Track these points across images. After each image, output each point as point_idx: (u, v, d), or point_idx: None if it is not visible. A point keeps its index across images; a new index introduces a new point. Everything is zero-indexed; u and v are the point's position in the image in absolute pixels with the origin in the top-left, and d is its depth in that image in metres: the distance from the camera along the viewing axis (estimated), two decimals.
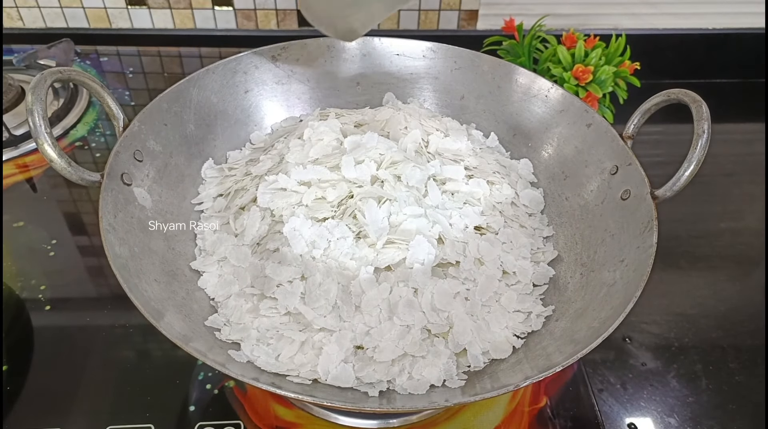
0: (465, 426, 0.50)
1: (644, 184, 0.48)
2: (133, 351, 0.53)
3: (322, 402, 0.39)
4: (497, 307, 0.47)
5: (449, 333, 0.45)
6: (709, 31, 0.90)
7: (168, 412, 0.49)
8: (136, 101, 0.81)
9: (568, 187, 0.56)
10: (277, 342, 0.44)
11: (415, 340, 0.43)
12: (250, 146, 0.60)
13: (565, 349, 0.43)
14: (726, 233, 0.69)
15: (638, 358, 0.55)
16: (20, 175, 0.69)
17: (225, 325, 0.45)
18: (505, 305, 0.47)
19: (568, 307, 0.48)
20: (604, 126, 0.53)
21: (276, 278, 0.46)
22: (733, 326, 0.58)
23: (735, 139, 0.84)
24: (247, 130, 0.61)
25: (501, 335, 0.46)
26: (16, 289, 0.57)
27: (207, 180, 0.56)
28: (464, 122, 0.62)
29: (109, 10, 0.87)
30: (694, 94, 0.46)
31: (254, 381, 0.38)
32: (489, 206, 0.52)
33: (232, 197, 0.53)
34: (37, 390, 0.50)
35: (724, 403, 0.52)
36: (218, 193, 0.54)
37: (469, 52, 0.61)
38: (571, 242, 0.53)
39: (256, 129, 0.61)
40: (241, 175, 0.55)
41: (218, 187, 0.55)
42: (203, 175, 0.56)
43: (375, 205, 0.48)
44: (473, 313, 0.46)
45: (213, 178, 0.56)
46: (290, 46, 0.60)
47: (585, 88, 0.71)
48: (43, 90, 0.42)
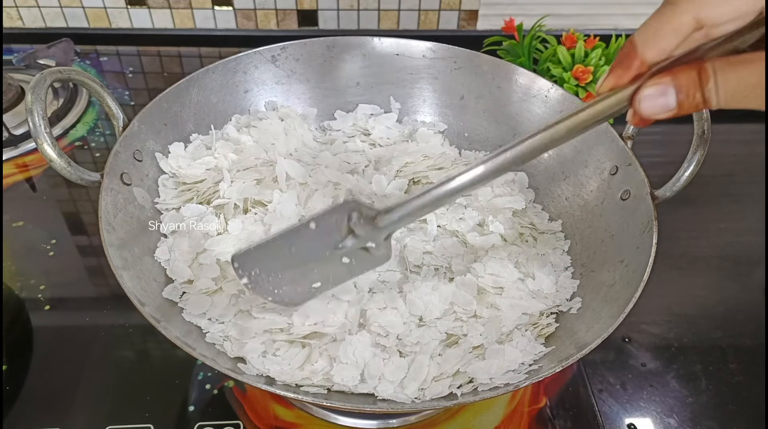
0: (465, 426, 0.50)
1: (644, 184, 0.48)
2: (132, 351, 0.53)
3: (321, 402, 0.39)
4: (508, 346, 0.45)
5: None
6: None
7: (167, 412, 0.49)
8: (135, 101, 0.81)
9: (568, 188, 0.56)
10: (285, 352, 0.43)
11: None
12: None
13: (564, 349, 0.43)
14: (726, 233, 0.69)
15: (638, 358, 0.55)
16: (20, 175, 0.69)
17: (225, 341, 0.44)
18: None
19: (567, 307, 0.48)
20: (603, 126, 0.53)
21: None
22: (733, 327, 0.58)
23: (735, 139, 0.84)
24: None
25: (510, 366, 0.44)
26: (15, 288, 0.57)
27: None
28: (463, 121, 0.62)
29: (108, 9, 0.87)
30: None
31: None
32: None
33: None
34: (36, 390, 0.50)
35: (723, 403, 0.52)
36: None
37: (469, 52, 0.61)
38: (570, 242, 0.53)
39: None
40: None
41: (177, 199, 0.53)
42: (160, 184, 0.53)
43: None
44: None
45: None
46: (290, 46, 0.60)
47: (585, 88, 0.71)
48: (43, 90, 0.42)
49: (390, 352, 0.43)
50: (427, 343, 0.44)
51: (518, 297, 0.48)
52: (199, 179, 0.53)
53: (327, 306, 0.45)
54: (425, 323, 0.46)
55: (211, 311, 0.45)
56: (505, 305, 0.47)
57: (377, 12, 0.88)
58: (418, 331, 0.45)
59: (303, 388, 0.41)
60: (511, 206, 0.54)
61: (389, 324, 0.44)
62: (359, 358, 0.42)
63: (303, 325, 0.44)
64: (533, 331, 0.46)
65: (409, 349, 0.44)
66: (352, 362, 0.42)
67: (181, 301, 0.46)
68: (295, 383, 0.41)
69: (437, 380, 0.42)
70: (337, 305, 0.45)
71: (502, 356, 0.43)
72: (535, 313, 0.47)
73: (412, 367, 0.42)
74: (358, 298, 0.46)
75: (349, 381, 0.41)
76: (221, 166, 0.53)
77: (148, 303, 0.41)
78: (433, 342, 0.44)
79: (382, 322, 0.44)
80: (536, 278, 0.49)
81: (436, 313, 0.46)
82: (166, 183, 0.53)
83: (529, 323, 0.47)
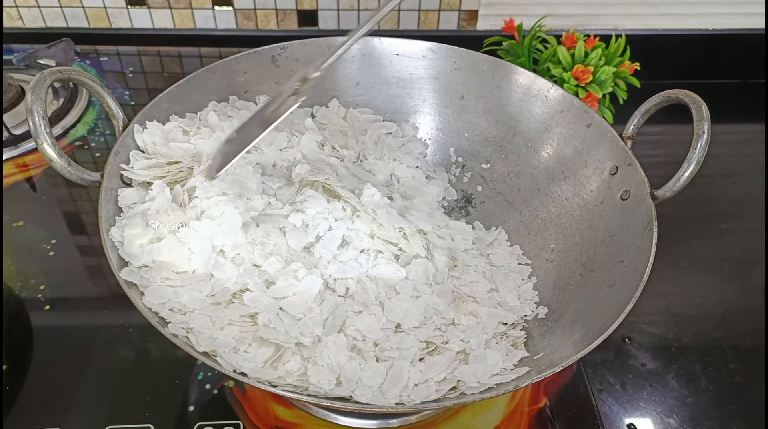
0: (465, 426, 0.50)
1: (644, 184, 0.48)
2: (132, 351, 0.53)
3: (321, 402, 0.39)
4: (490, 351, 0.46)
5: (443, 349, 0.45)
6: (709, 31, 0.90)
7: (167, 412, 0.49)
8: (135, 101, 0.81)
9: (568, 188, 0.56)
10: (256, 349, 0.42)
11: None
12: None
13: (564, 349, 0.43)
14: (726, 233, 0.69)
15: (638, 358, 0.55)
16: (20, 175, 0.69)
17: (190, 333, 0.42)
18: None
19: (567, 307, 0.48)
20: (603, 126, 0.53)
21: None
22: (733, 327, 0.58)
23: (735, 139, 0.84)
24: None
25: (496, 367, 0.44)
26: (15, 288, 0.57)
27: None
28: (462, 122, 0.62)
29: (109, 9, 0.87)
30: (694, 94, 0.46)
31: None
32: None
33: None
34: (36, 390, 0.50)
35: (723, 403, 0.52)
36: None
37: (469, 52, 0.61)
38: (570, 242, 0.53)
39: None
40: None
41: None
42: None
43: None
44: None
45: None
46: (290, 46, 0.60)
47: (585, 88, 0.71)
48: (43, 90, 0.42)
49: (366, 358, 0.43)
50: (408, 349, 0.44)
51: (493, 305, 0.49)
52: (174, 160, 0.50)
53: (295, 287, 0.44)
54: (403, 330, 0.46)
55: (172, 301, 0.43)
56: (484, 313, 0.48)
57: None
58: (396, 336, 0.45)
59: (278, 388, 0.39)
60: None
61: (366, 328, 0.44)
62: (334, 361, 0.41)
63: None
64: (506, 341, 0.47)
65: (388, 354, 0.43)
66: (327, 365, 0.41)
67: (140, 286, 0.43)
68: (268, 381, 0.40)
69: (420, 386, 0.42)
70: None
71: (484, 360, 0.43)
72: (509, 321, 0.48)
73: (390, 372, 0.42)
74: (334, 301, 0.46)
75: (326, 384, 0.40)
76: (201, 150, 0.51)
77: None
78: (413, 348, 0.44)
79: (359, 327, 0.44)
80: (500, 291, 0.51)
81: (414, 322, 0.46)
82: (136, 156, 0.49)
83: (503, 332, 0.48)
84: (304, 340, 0.42)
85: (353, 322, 0.44)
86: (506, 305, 0.50)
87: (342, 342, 0.43)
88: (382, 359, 0.43)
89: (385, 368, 0.42)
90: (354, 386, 0.41)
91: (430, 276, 0.50)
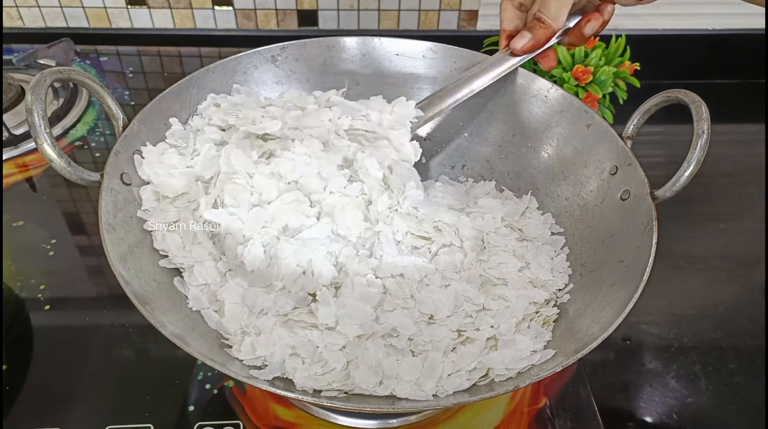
0: (465, 426, 0.50)
1: (644, 184, 0.48)
2: (132, 351, 0.53)
3: (322, 402, 0.39)
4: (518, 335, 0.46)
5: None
6: (709, 31, 0.90)
7: (167, 412, 0.49)
8: (135, 101, 0.81)
9: (568, 188, 0.56)
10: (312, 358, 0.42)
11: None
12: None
13: (564, 349, 0.43)
14: (726, 233, 0.69)
15: (638, 358, 0.55)
16: (20, 175, 0.69)
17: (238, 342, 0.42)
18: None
19: (567, 307, 0.48)
20: (603, 126, 0.53)
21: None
22: (733, 327, 0.58)
23: (735, 139, 0.84)
24: None
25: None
26: (15, 288, 0.57)
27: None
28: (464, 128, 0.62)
29: (109, 9, 0.87)
30: (693, 94, 0.46)
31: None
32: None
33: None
34: (36, 390, 0.50)
35: (723, 403, 0.52)
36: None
37: (469, 52, 0.61)
38: (570, 242, 0.53)
39: None
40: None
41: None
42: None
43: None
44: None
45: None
46: (290, 46, 0.60)
47: (585, 88, 0.71)
48: (43, 90, 0.42)
49: (403, 353, 0.43)
50: (440, 341, 0.44)
51: (522, 286, 0.48)
52: (179, 193, 0.49)
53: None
54: (435, 321, 0.46)
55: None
56: (512, 296, 0.47)
57: (377, 12, 0.88)
58: (428, 329, 0.45)
59: (323, 393, 0.40)
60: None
61: (401, 325, 0.44)
62: (374, 360, 0.42)
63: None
64: (537, 321, 0.46)
65: (422, 348, 0.43)
66: (370, 366, 0.41)
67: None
68: (314, 389, 0.40)
69: (452, 376, 0.42)
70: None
71: (513, 346, 0.43)
72: (540, 300, 0.48)
73: (425, 364, 0.42)
74: (378, 300, 0.46)
75: (370, 384, 0.40)
76: (201, 173, 0.49)
77: (148, 302, 0.41)
78: (446, 339, 0.44)
79: (394, 323, 0.44)
80: (531, 267, 0.50)
81: (446, 312, 0.46)
82: (144, 194, 0.48)
83: (533, 312, 0.47)
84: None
85: (387, 318, 0.45)
86: (538, 282, 0.49)
87: (379, 341, 0.43)
88: (417, 352, 0.43)
89: (421, 361, 0.42)
90: (394, 384, 0.41)
91: (458, 263, 0.49)
